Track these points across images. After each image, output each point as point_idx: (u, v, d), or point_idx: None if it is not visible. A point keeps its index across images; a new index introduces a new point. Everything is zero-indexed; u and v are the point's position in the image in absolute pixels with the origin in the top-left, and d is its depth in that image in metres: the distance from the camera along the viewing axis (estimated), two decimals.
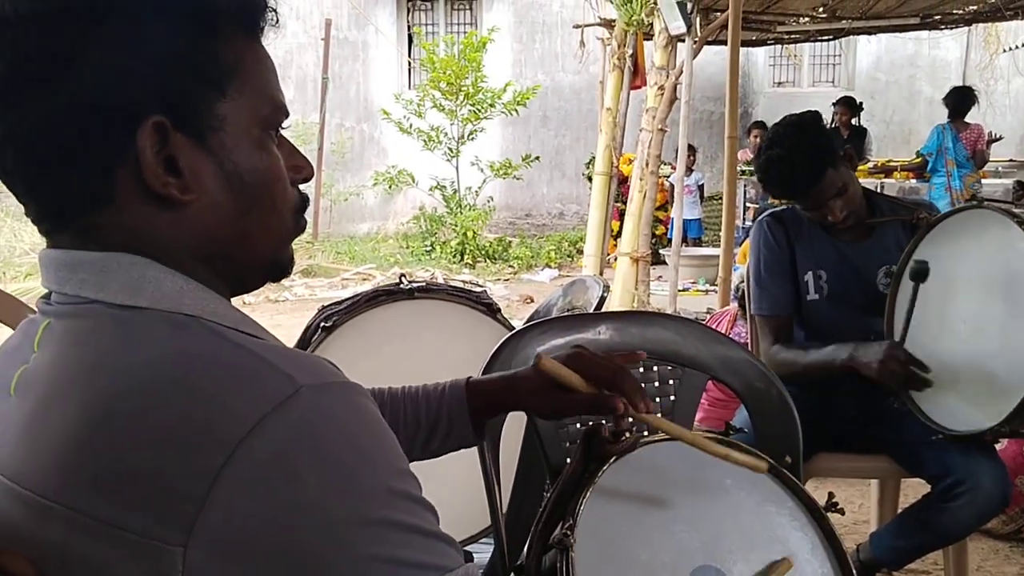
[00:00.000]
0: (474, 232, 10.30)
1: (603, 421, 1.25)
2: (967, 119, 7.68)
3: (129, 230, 0.75)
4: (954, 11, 7.49)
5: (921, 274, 1.99)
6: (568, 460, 1.25)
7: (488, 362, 1.44)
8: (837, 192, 2.25)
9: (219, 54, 0.76)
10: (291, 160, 0.84)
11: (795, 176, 2.26)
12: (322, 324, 1.79)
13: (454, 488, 1.65)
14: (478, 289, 2.00)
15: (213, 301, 0.77)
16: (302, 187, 0.87)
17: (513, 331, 1.51)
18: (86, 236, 0.75)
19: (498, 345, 1.46)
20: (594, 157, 8.72)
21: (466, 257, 10.18)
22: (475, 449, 1.27)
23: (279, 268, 0.86)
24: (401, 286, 1.87)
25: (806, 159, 2.22)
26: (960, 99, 7.57)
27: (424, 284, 1.88)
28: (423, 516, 0.71)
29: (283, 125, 0.83)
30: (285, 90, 0.84)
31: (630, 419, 1.10)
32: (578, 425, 1.45)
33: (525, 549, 1.24)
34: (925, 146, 7.83)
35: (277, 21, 0.82)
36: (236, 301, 0.85)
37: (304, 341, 1.80)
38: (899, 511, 2.45)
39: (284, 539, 0.64)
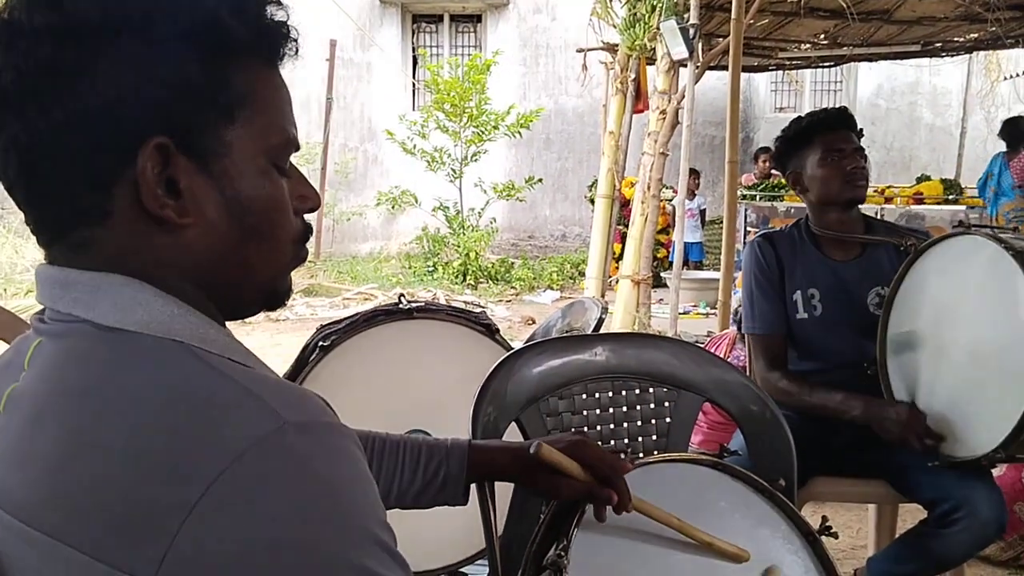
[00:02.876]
0: (476, 253, 10.32)
1: (598, 443, 1.26)
2: None
3: (124, 249, 0.74)
4: (955, 39, 7.56)
5: (909, 346, 2.03)
6: None
7: (485, 382, 1.44)
8: (860, 153, 2.37)
9: (232, 81, 0.75)
10: (298, 189, 0.84)
11: (840, 109, 2.47)
12: (320, 343, 1.79)
13: (452, 509, 1.65)
14: (477, 309, 2.01)
15: (204, 326, 0.76)
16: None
17: (510, 351, 1.52)
18: (81, 251, 0.75)
19: (495, 365, 1.46)
20: (597, 180, 8.77)
21: (468, 278, 10.20)
22: None
23: (275, 297, 0.85)
24: (400, 306, 1.87)
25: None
26: (1012, 130, 7.59)
27: (423, 304, 1.89)
28: (394, 570, 0.70)
29: (291, 154, 0.83)
30: None
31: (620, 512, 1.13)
32: None
33: (520, 571, 1.24)
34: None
35: (297, 51, 0.82)
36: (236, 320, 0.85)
37: (302, 360, 1.81)
38: (897, 536, 2.44)
39: None
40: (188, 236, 0.75)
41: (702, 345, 4.10)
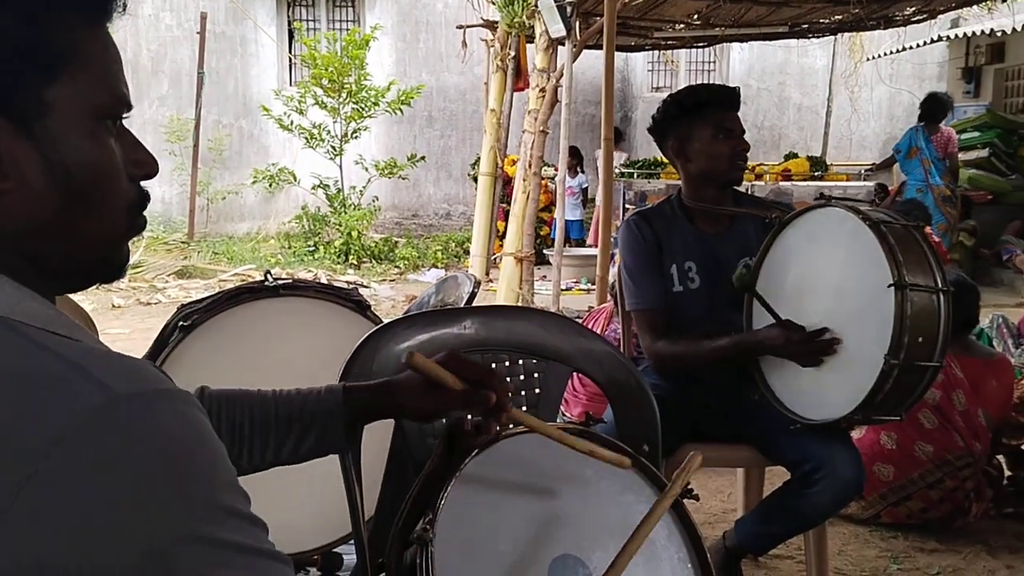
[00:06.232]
0: (359, 232, 10.15)
1: (467, 416, 1.26)
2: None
3: None
4: (820, 20, 7.84)
5: (746, 287, 2.11)
6: None
7: (351, 357, 1.42)
8: (743, 134, 2.44)
9: (53, 37, 0.71)
10: (132, 154, 0.80)
11: (734, 89, 2.51)
12: (180, 323, 1.72)
13: (328, 489, 1.62)
14: (348, 286, 1.97)
15: (25, 299, 0.71)
16: (146, 183, 0.83)
17: (377, 326, 1.49)
18: None
19: (361, 340, 1.44)
20: (480, 158, 8.75)
21: (351, 257, 10.03)
22: None
23: (110, 268, 0.81)
24: (266, 283, 1.81)
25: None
26: (932, 105, 7.92)
27: (289, 281, 1.84)
28: (249, 532, 0.68)
29: (124, 116, 0.79)
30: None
31: (501, 418, 1.13)
32: (443, 420, 1.44)
33: (388, 547, 1.23)
34: (896, 144, 8.28)
35: (125, 7, 0.78)
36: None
37: (161, 342, 1.73)
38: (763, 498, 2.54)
39: (94, 559, 0.61)
40: (7, 202, 0.71)
41: (581, 320, 4.16)
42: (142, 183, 0.82)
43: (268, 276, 1.83)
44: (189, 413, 0.68)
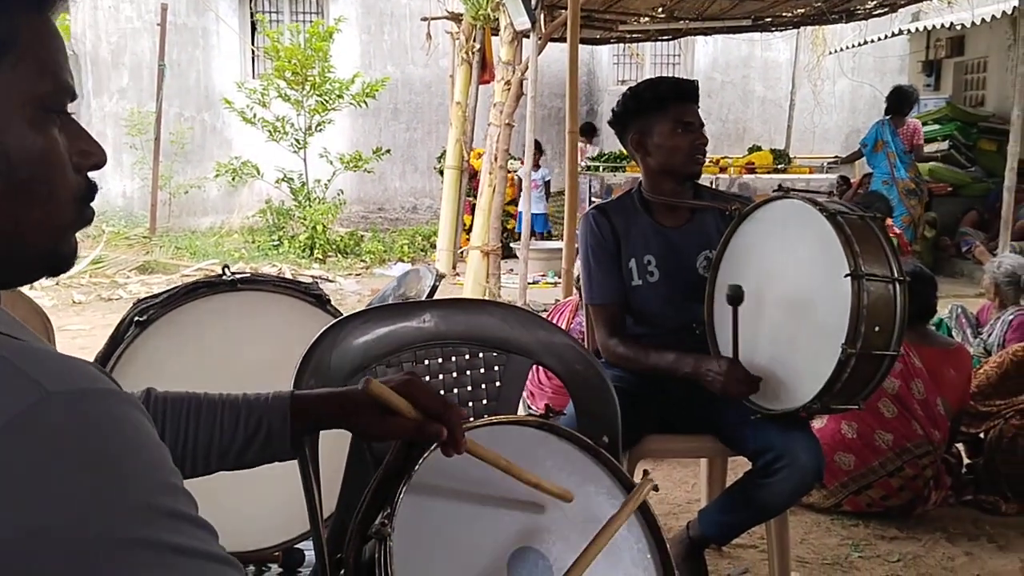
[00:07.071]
0: (324, 226, 10.07)
1: None
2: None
3: None
4: (783, 14, 7.91)
5: (736, 299, 2.11)
6: None
7: (306, 353, 1.40)
8: (702, 128, 2.43)
9: None
10: (78, 144, 0.78)
11: (693, 82, 2.48)
12: (136, 319, 1.69)
13: (289, 485, 1.60)
14: (309, 281, 1.95)
15: None
16: (93, 174, 0.81)
17: (334, 320, 1.48)
18: None
19: (318, 334, 1.42)
20: (445, 151, 8.73)
21: (316, 252, 9.95)
22: None
23: (58, 260, 0.79)
24: (223, 277, 1.79)
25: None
26: (898, 98, 7.98)
27: (248, 275, 1.81)
28: (192, 534, 0.66)
29: (67, 105, 0.77)
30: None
31: (449, 452, 1.12)
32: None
33: (346, 541, 1.22)
34: (863, 139, 8.36)
35: None
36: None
37: (116, 338, 1.70)
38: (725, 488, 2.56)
39: (20, 565, 0.58)
40: None
41: (546, 313, 4.17)
42: (90, 174, 0.80)
43: (226, 270, 1.81)
44: (125, 412, 0.66)
